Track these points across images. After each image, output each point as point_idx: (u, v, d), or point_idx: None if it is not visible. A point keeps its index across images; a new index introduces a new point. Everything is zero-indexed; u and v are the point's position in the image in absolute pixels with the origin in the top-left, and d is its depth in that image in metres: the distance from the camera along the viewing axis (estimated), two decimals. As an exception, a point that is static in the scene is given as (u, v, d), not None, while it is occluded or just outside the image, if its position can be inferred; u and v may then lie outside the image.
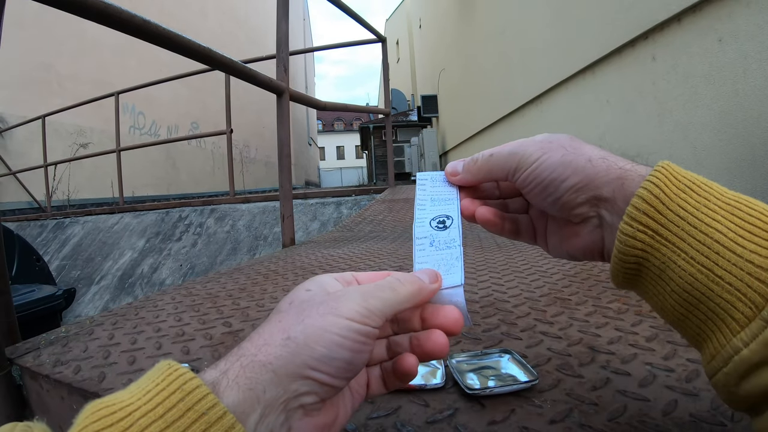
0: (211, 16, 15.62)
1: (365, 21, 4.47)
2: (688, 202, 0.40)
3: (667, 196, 0.41)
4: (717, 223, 0.38)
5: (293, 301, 0.42)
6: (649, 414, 0.55)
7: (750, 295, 0.35)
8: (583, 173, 0.48)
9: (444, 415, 0.57)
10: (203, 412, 0.32)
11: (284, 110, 2.51)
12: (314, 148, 35.88)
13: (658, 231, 0.41)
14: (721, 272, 0.36)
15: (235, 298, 1.28)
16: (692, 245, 0.38)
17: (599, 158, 0.49)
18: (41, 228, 5.89)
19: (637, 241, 0.41)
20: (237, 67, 2.05)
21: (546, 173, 0.50)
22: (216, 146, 14.71)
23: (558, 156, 0.50)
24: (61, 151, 8.54)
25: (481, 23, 10.41)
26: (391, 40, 28.60)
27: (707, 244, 0.38)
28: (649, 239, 0.41)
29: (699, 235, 0.38)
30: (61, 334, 1.11)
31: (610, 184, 0.46)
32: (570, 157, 0.49)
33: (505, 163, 0.53)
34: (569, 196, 0.49)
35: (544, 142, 0.54)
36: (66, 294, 3.93)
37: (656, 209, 0.41)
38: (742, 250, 0.36)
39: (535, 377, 0.62)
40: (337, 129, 59.12)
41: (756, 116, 3.08)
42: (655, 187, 0.41)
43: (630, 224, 0.42)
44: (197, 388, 0.34)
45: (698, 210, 0.40)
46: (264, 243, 4.28)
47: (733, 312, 0.36)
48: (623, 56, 4.71)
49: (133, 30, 1.47)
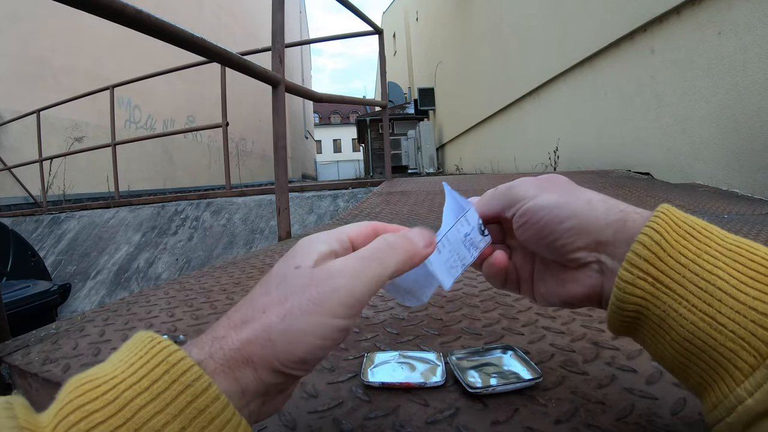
0: (208, 9, 15.63)
1: (362, 12, 4.45)
2: (689, 249, 0.40)
3: (667, 242, 0.40)
4: (719, 270, 0.38)
5: (281, 281, 0.41)
6: (657, 413, 0.53)
7: (754, 344, 0.34)
8: (582, 215, 0.47)
9: (445, 415, 0.55)
10: (189, 384, 0.33)
11: (280, 102, 2.49)
12: (311, 142, 35.93)
13: (658, 278, 0.40)
14: (723, 320, 0.36)
15: (229, 293, 1.26)
16: (694, 293, 0.38)
17: (599, 200, 0.48)
18: (37, 223, 5.87)
19: (636, 288, 0.41)
20: (232, 58, 2.03)
21: (542, 212, 0.48)
22: (212, 140, 14.73)
23: (555, 196, 0.49)
24: (57, 145, 8.52)
25: (478, 15, 10.41)
26: (388, 33, 28.62)
27: (709, 292, 0.37)
28: (649, 287, 0.40)
29: (701, 283, 0.38)
30: (51, 331, 1.10)
31: (610, 227, 0.46)
32: (567, 198, 0.48)
33: (503, 196, 0.53)
34: (567, 239, 0.47)
35: (543, 180, 0.53)
36: (61, 289, 3.93)
37: (657, 256, 0.40)
38: (745, 297, 0.36)
39: (539, 375, 0.60)
40: (333, 122, 59.26)
41: (755, 110, 3.07)
42: (656, 233, 0.41)
43: (630, 270, 0.41)
44: (182, 360, 0.34)
45: (699, 257, 0.39)
46: (260, 236, 4.27)
47: (737, 361, 0.35)
48: (622, 49, 4.70)
49: (126, 20, 1.45)
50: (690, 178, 3.75)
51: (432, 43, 17.65)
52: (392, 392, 0.62)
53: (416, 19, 21.57)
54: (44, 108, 7.11)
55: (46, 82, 9.04)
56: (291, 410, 0.59)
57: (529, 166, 7.59)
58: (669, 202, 1.83)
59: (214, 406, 0.33)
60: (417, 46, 22.53)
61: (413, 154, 16.70)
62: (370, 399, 0.60)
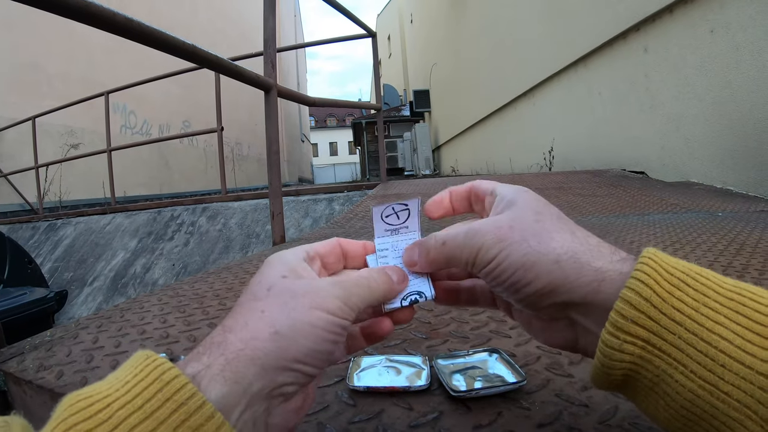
0: (202, 14, 15.60)
1: (355, 16, 4.46)
2: (684, 302, 0.35)
3: (658, 296, 0.35)
4: (720, 327, 0.33)
5: (271, 287, 0.42)
6: (641, 416, 0.53)
7: (761, 413, 0.30)
8: (548, 277, 0.41)
9: (428, 418, 0.55)
10: (182, 402, 0.32)
11: (272, 107, 2.49)
12: (307, 145, 35.88)
13: (649, 340, 0.35)
14: (728, 388, 0.32)
15: (222, 298, 1.27)
16: (692, 356, 0.33)
17: (569, 257, 0.41)
18: (33, 230, 5.86)
19: (624, 354, 0.36)
20: (223, 64, 2.03)
21: (506, 275, 0.43)
22: (208, 144, 14.70)
23: (520, 254, 0.42)
24: (52, 152, 8.51)
25: (472, 17, 10.42)
26: (383, 36, 28.64)
27: (711, 356, 0.33)
28: (639, 350, 0.36)
29: (700, 344, 0.33)
30: (46, 338, 1.10)
31: (581, 288, 0.40)
32: (534, 258, 0.42)
33: (460, 255, 0.46)
34: (533, 300, 0.43)
35: (504, 228, 0.44)
36: (58, 296, 3.92)
37: (647, 315, 0.35)
38: (752, 360, 0.31)
39: (522, 378, 0.60)
40: (329, 125, 59.26)
41: (748, 107, 3.08)
42: (644, 287, 0.36)
43: (615, 335, 0.36)
44: (176, 378, 0.33)
45: (697, 311, 0.34)
46: (256, 241, 4.27)
47: (742, 431, 0.31)
48: (615, 48, 4.71)
49: (116, 29, 1.45)
50: (684, 177, 3.76)
51: (427, 45, 17.67)
52: (377, 396, 0.62)
53: (411, 21, 21.59)
54: (39, 115, 7.10)
55: (40, 89, 9.02)
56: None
57: (525, 166, 7.60)
58: (663, 201, 1.82)
59: (208, 424, 0.33)
60: (412, 48, 22.55)
61: (409, 156, 16.70)
62: (354, 403, 0.60)
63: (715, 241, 1.58)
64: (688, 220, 2.10)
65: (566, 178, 4.17)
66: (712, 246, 1.49)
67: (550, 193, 3.41)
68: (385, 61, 30.20)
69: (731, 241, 1.57)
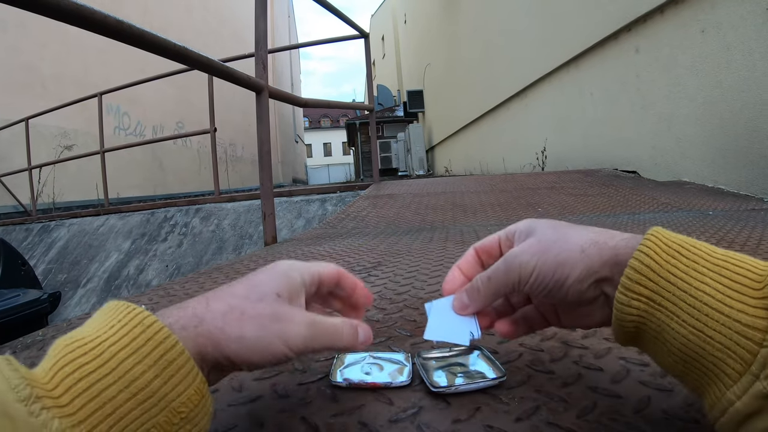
0: (196, 15, 15.56)
1: (347, 17, 4.47)
2: (678, 267, 0.43)
3: (657, 263, 0.44)
4: (705, 286, 0.41)
5: (262, 299, 0.50)
6: (620, 411, 0.54)
7: (739, 352, 0.38)
8: (581, 266, 0.50)
9: (408, 413, 0.55)
10: (161, 341, 0.41)
11: (263, 108, 2.50)
12: (301, 146, 35.85)
13: (651, 298, 0.43)
14: (711, 333, 0.39)
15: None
16: (684, 309, 0.41)
17: (590, 244, 0.51)
18: (27, 232, 5.85)
19: (632, 308, 0.45)
20: (213, 65, 2.03)
21: (548, 278, 0.52)
22: (202, 145, 14.65)
23: (552, 257, 0.52)
24: (46, 153, 8.46)
25: (465, 18, 10.43)
26: (377, 36, 28.62)
27: (697, 307, 0.40)
28: (644, 306, 0.44)
29: (689, 299, 0.41)
30: (37, 337, 1.10)
31: (606, 265, 0.49)
32: (564, 255, 0.52)
33: (507, 280, 0.56)
34: (574, 288, 0.51)
35: (534, 245, 0.55)
36: (51, 298, 3.91)
37: (648, 278, 0.44)
38: (729, 310, 0.39)
39: (502, 374, 0.61)
40: (323, 126, 59.26)
41: (739, 107, 3.09)
42: (645, 257, 0.44)
43: (624, 294, 0.45)
44: (155, 323, 0.42)
45: (687, 274, 0.42)
46: (249, 241, 4.27)
47: (725, 368, 0.38)
48: (606, 49, 4.72)
49: (108, 31, 1.45)
50: (676, 176, 3.77)
51: (420, 46, 17.68)
52: (359, 392, 0.62)
53: (404, 22, 21.60)
54: (33, 116, 7.08)
55: (34, 90, 8.99)
56: (261, 409, 0.60)
57: (518, 167, 7.61)
58: (655, 200, 1.85)
59: (180, 358, 0.41)
60: (406, 49, 22.56)
61: (403, 156, 16.70)
62: (336, 399, 0.61)
63: (706, 239, 1.56)
64: (679, 219, 2.11)
65: (558, 178, 4.17)
66: (701, 244, 1.50)
67: (542, 193, 3.42)
68: (379, 61, 30.21)
69: (721, 239, 1.58)
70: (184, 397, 0.41)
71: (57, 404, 0.35)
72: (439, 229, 2.36)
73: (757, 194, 3.01)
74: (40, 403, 0.34)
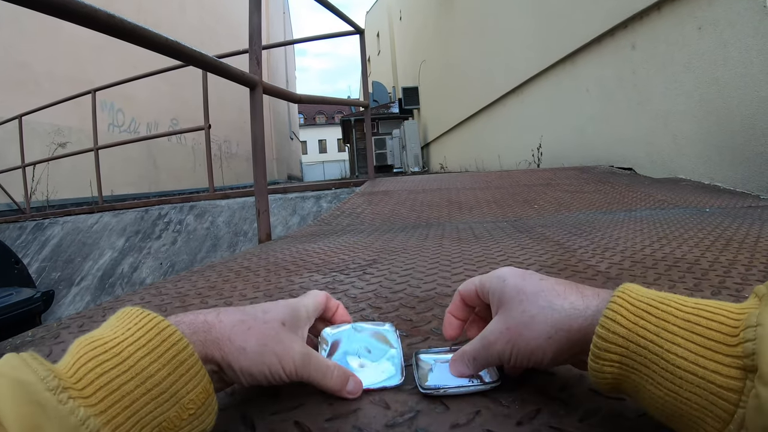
0: (190, 12, 15.54)
1: (342, 13, 4.46)
2: (647, 329, 0.43)
3: (625, 327, 0.44)
4: (677, 347, 0.41)
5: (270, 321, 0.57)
6: (623, 414, 0.53)
7: (716, 412, 0.38)
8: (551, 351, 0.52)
9: (405, 418, 0.54)
10: (174, 342, 0.46)
11: (257, 104, 2.48)
12: (296, 142, 35.84)
13: (623, 362, 0.44)
14: (687, 395, 0.40)
15: (204, 297, 1.25)
16: (657, 372, 0.42)
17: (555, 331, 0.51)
18: (20, 230, 5.82)
19: (605, 373, 0.46)
20: (207, 60, 2.01)
21: (525, 361, 0.54)
22: (196, 142, 14.63)
23: (524, 346, 0.53)
24: (39, 151, 8.44)
25: (460, 14, 10.43)
26: (372, 33, 28.62)
27: (670, 371, 0.41)
28: (617, 370, 0.45)
29: (661, 362, 0.41)
30: (27, 338, 1.08)
31: (576, 345, 0.50)
32: (534, 344, 0.53)
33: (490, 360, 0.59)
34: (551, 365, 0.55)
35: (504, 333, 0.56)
36: (44, 297, 3.90)
37: (617, 344, 0.44)
38: (703, 371, 0.39)
39: (497, 378, 0.59)
40: (318, 122, 59.29)
41: (736, 104, 3.08)
42: (612, 323, 0.45)
43: (595, 361, 0.46)
44: (168, 326, 0.47)
45: (658, 335, 0.42)
46: (244, 239, 4.26)
47: (706, 426, 0.39)
48: (603, 45, 4.71)
49: (99, 25, 1.43)
50: (672, 173, 3.77)
51: (416, 42, 17.67)
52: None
53: (400, 19, 21.59)
54: (26, 113, 7.04)
55: (27, 88, 8.96)
56: (253, 412, 0.58)
57: (513, 163, 7.61)
58: (651, 197, 1.84)
59: (191, 359, 0.46)
60: (401, 46, 22.56)
61: (398, 153, 16.73)
62: (331, 402, 0.59)
63: (702, 236, 1.58)
64: (675, 216, 2.10)
65: (554, 175, 4.17)
66: (699, 241, 1.49)
67: (538, 190, 3.41)
68: (374, 58, 30.22)
69: (718, 236, 1.57)
70: (192, 395, 0.45)
71: (81, 395, 0.39)
72: (435, 226, 2.35)
73: (753, 191, 3.00)
74: (67, 393, 0.38)
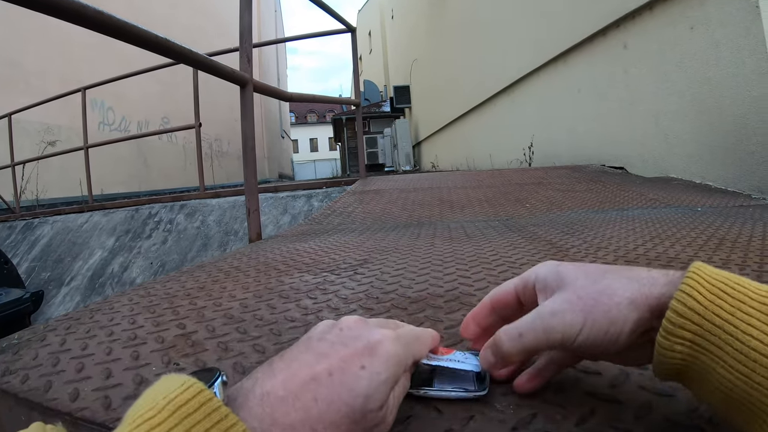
0: (182, 10, 15.50)
1: (334, 11, 4.45)
2: (723, 308, 0.41)
3: (701, 304, 0.42)
4: (753, 329, 0.39)
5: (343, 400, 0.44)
6: (620, 418, 0.52)
7: None
8: (632, 321, 0.47)
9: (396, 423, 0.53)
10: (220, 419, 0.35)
11: (248, 102, 2.47)
12: (287, 141, 35.83)
13: (695, 341, 0.42)
14: (759, 379, 0.38)
15: (193, 298, 1.24)
16: (730, 353, 0.39)
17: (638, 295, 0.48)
18: (10, 230, 5.78)
19: (675, 352, 0.43)
20: (198, 58, 2.00)
21: (599, 337, 0.48)
22: (187, 141, 14.60)
23: (602, 315, 0.48)
24: (29, 149, 8.39)
25: (452, 13, 10.44)
26: (364, 31, 28.63)
27: (744, 353, 0.39)
28: (687, 350, 0.42)
29: (736, 344, 0.39)
30: (13, 341, 1.06)
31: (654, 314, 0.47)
32: (615, 312, 0.48)
33: (547, 339, 0.51)
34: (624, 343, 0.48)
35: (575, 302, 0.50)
36: (34, 297, 3.88)
37: (692, 321, 0.42)
38: None
39: (483, 388, 0.57)
40: (310, 121, 59.30)
41: (728, 103, 3.09)
42: (689, 297, 0.42)
43: (666, 338, 0.43)
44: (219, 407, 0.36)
45: (733, 315, 0.40)
46: (235, 238, 4.24)
47: None
48: (595, 45, 4.72)
49: (87, 22, 1.41)
50: (664, 172, 3.78)
51: (407, 41, 17.68)
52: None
53: (392, 17, 21.59)
54: (15, 111, 7.00)
55: (17, 86, 8.92)
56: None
57: (505, 162, 7.62)
58: (643, 196, 1.83)
59: None
60: (392, 44, 22.57)
61: (390, 152, 16.75)
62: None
63: (695, 236, 1.57)
64: (667, 215, 2.10)
65: (546, 174, 4.17)
66: (692, 241, 1.49)
67: (529, 189, 3.41)
68: (366, 56, 30.23)
69: (711, 236, 1.56)
70: None
71: None
72: (427, 225, 2.34)
73: (744, 191, 3.01)
74: None
